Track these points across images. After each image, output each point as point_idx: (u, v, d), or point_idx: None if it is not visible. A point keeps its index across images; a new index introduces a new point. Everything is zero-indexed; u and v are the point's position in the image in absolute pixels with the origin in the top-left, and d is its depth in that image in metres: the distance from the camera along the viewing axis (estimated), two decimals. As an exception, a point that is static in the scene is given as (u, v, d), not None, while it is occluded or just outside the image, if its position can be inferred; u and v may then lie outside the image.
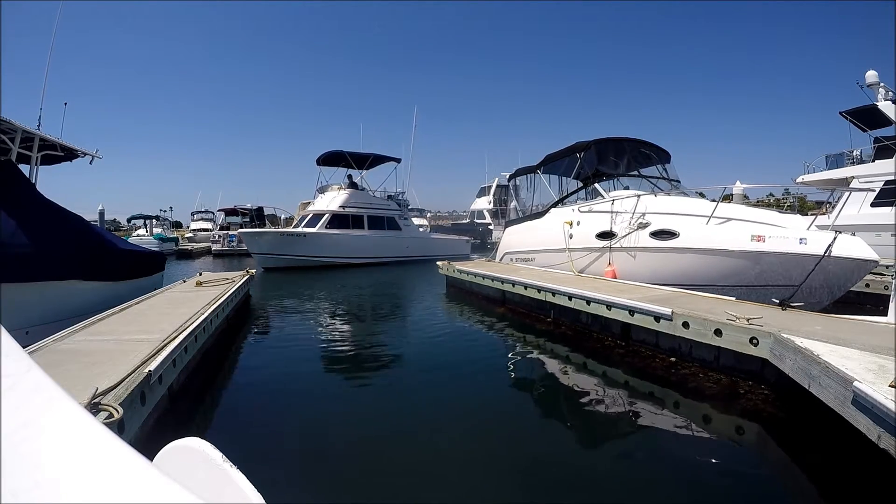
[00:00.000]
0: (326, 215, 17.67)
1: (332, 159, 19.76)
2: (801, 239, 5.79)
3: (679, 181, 9.35)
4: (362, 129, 43.86)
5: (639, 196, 7.79)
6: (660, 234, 7.11)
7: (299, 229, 17.26)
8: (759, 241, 6.06)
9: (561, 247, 8.92)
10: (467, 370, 4.97)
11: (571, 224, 8.80)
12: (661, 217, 7.23)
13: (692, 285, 6.52)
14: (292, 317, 8.26)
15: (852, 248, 5.53)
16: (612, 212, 7.89)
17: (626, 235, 7.53)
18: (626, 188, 9.10)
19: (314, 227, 17.40)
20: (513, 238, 11.39)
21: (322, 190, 19.67)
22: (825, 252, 5.42)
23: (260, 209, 18.23)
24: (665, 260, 7.05)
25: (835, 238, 5.49)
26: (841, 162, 14.10)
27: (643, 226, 7.31)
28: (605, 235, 7.96)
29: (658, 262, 7.15)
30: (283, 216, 20.59)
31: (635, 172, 9.61)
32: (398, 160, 20.91)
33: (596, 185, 9.01)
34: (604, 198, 8.60)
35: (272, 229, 17.34)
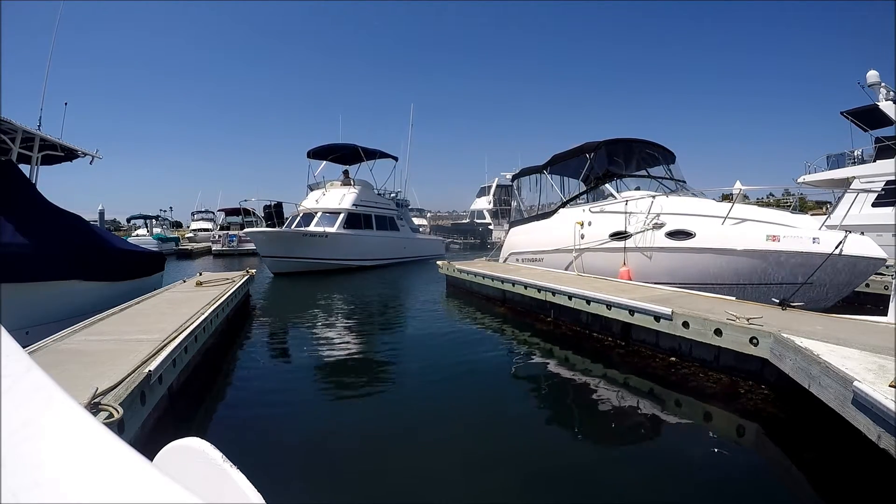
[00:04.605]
0: (342, 214, 16.08)
1: (326, 152, 18.75)
2: (814, 238, 5.89)
3: (685, 181, 9.40)
4: (341, 122, 43.92)
5: (654, 196, 7.82)
6: (676, 235, 7.14)
7: (319, 229, 15.47)
8: (774, 240, 6.15)
9: (572, 247, 8.92)
10: (468, 370, 4.96)
11: (583, 224, 8.78)
12: (676, 217, 7.26)
13: (708, 285, 6.58)
14: (292, 317, 8.25)
15: (863, 246, 5.69)
16: (626, 212, 7.89)
17: (641, 233, 7.55)
18: (637, 188, 9.12)
19: (332, 226, 15.70)
20: (519, 238, 11.34)
21: (314, 186, 18.49)
22: (835, 249, 5.53)
23: (279, 205, 15.79)
24: (682, 260, 7.09)
25: (845, 237, 5.60)
26: (842, 162, 14.11)
27: (658, 226, 7.34)
28: (620, 236, 7.95)
29: (675, 261, 7.17)
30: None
31: (643, 173, 9.65)
32: (396, 158, 20.86)
33: (606, 185, 9.03)
34: (615, 198, 8.59)
35: (287, 229, 15.23)
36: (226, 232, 28.88)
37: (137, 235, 27.15)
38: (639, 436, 3.49)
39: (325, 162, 19.59)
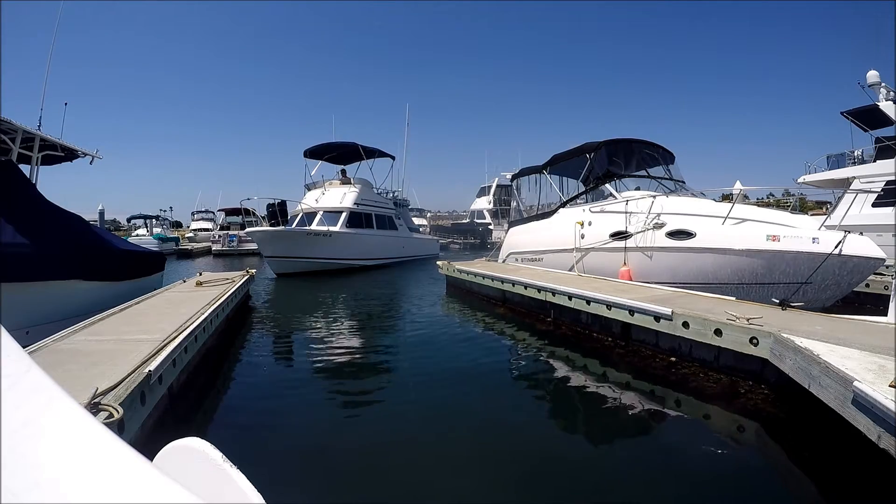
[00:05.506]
0: (344, 213, 15.91)
1: (324, 151, 18.57)
2: (813, 238, 5.93)
3: (684, 181, 9.42)
4: (334, 122, 44.08)
5: (654, 197, 7.84)
6: (676, 235, 7.16)
7: (322, 227, 15.24)
8: (774, 240, 6.18)
9: (572, 247, 8.92)
10: (468, 370, 4.96)
11: (583, 224, 8.78)
12: (676, 217, 7.28)
13: (708, 284, 6.60)
14: (292, 317, 8.25)
15: (862, 246, 5.73)
16: (626, 212, 7.89)
17: (641, 233, 7.56)
18: (637, 188, 9.14)
19: (335, 225, 15.54)
20: (518, 238, 11.35)
21: (311, 186, 18.22)
22: (834, 248, 5.58)
23: (283, 203, 15.24)
24: (683, 259, 7.10)
25: (844, 237, 5.64)
26: (842, 162, 14.11)
27: (659, 226, 7.35)
28: (620, 236, 7.94)
29: (676, 261, 7.19)
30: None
31: (643, 173, 9.67)
32: (394, 157, 20.84)
33: (606, 185, 9.05)
34: (615, 198, 8.60)
35: (290, 228, 14.74)
36: (226, 232, 28.87)
37: (137, 235, 27.16)
38: (639, 436, 3.49)
39: (321, 161, 19.38)
